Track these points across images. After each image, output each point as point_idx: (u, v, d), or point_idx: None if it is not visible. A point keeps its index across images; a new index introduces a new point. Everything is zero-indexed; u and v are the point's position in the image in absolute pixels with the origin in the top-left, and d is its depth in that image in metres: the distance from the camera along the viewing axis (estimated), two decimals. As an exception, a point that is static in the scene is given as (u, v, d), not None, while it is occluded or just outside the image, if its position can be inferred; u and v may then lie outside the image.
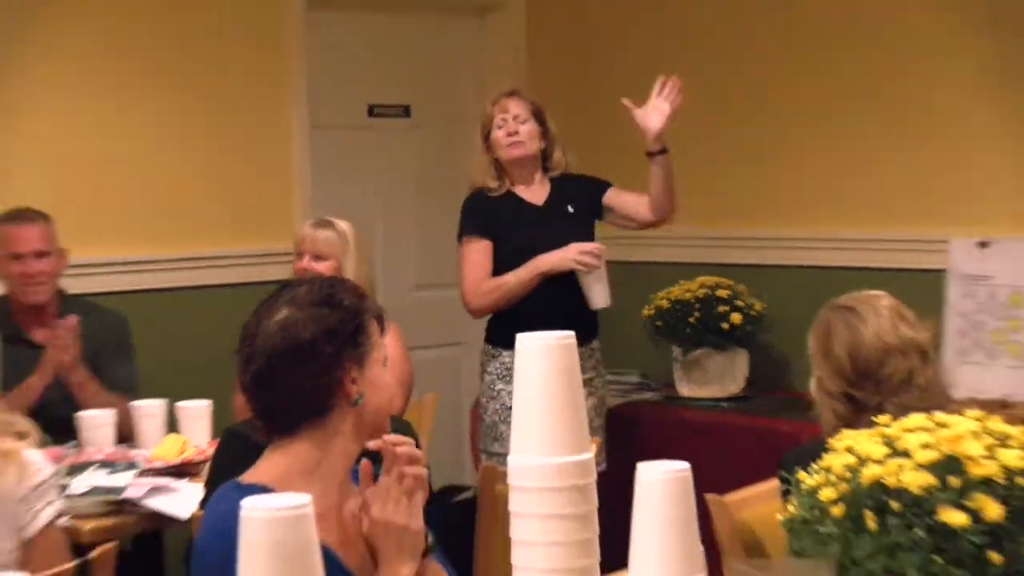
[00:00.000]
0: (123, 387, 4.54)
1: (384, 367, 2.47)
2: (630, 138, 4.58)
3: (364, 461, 2.38)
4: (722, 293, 5.50)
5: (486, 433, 4.72)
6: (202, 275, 5.55)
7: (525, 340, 1.82)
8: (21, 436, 3.00)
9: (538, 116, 4.74)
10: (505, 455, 1.86)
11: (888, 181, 5.49)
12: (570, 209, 4.73)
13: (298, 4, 5.83)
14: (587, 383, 4.52)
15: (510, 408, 2.63)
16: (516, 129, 4.67)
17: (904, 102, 5.42)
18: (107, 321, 4.75)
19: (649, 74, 5.24)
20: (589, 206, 4.76)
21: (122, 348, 4.72)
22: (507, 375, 4.52)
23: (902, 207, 5.46)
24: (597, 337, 4.79)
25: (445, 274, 6.11)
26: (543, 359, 1.81)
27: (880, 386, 2.77)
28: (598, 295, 4.59)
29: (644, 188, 4.65)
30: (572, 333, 1.84)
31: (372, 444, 2.35)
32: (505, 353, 4.64)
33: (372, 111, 6.27)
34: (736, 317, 5.47)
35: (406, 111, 6.36)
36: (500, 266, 4.69)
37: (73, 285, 4.83)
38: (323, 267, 4.30)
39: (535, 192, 4.77)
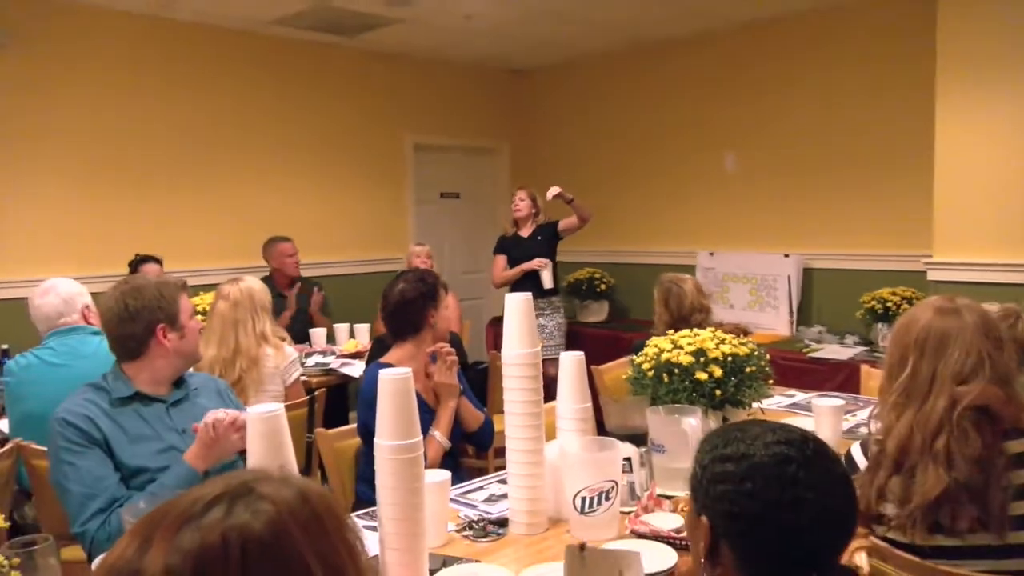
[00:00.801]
0: (327, 317, 4.44)
1: (446, 309, 2.41)
2: (560, 204, 4.50)
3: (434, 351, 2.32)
4: (597, 276, 5.42)
5: (498, 336, 4.68)
6: (362, 267, 5.40)
7: (509, 297, 1.77)
8: (282, 339, 2.95)
9: (532, 198, 4.65)
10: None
11: (672, 225, 5.42)
12: (539, 238, 4.62)
13: (409, 149, 5.70)
14: (549, 315, 4.55)
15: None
16: (519, 205, 4.63)
17: (687, 183, 5.36)
18: (317, 287, 4.64)
19: (571, 170, 5.30)
20: (551, 236, 4.63)
21: (325, 300, 4.60)
22: None
23: (676, 234, 5.38)
24: (557, 295, 4.64)
25: (475, 267, 6.08)
26: (514, 305, 1.75)
27: (688, 326, 2.73)
28: (547, 282, 4.50)
29: (569, 214, 4.56)
30: (530, 293, 1.80)
31: (429, 349, 2.30)
32: None
33: (442, 195, 6.11)
34: (603, 287, 5.41)
35: (458, 196, 6.21)
36: (510, 265, 4.61)
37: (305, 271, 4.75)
38: (419, 263, 4.23)
39: (526, 231, 4.67)
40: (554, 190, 4.46)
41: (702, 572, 1.03)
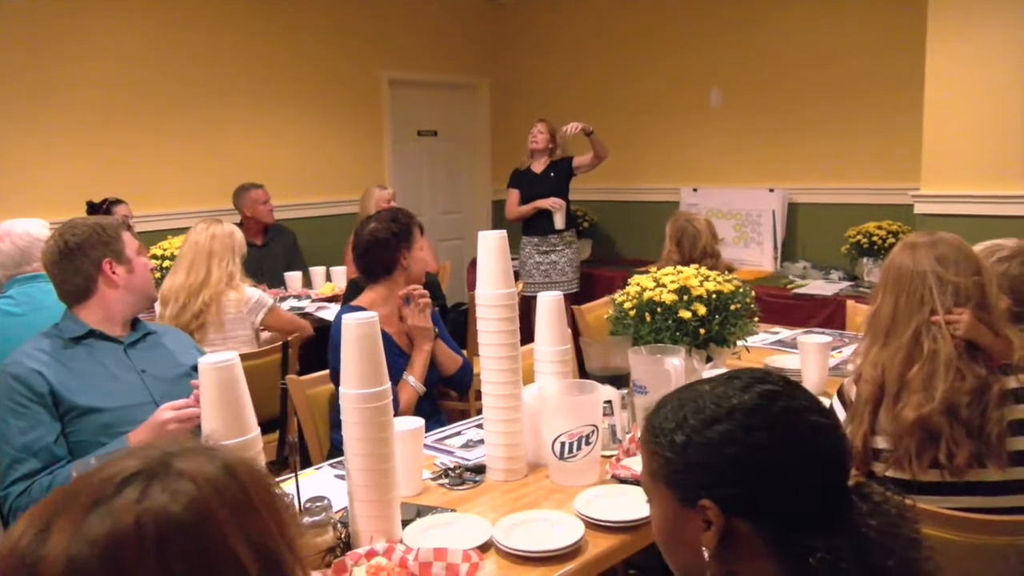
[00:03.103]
0: (299, 262, 4.31)
1: (421, 251, 2.29)
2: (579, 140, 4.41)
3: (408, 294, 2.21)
4: (579, 213, 5.19)
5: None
6: (338, 208, 5.16)
7: (483, 235, 1.66)
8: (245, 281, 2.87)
9: (551, 131, 4.46)
10: (474, 289, 1.70)
11: (656, 161, 5.26)
12: (552, 175, 4.45)
13: (385, 85, 5.46)
14: (561, 251, 4.43)
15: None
16: (536, 137, 4.45)
17: (671, 118, 5.20)
18: (287, 234, 4.48)
19: (552, 106, 5.12)
20: (564, 173, 4.45)
21: (295, 246, 4.45)
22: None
23: (659, 170, 5.22)
24: (570, 231, 4.48)
25: (456, 207, 5.93)
26: (489, 243, 1.64)
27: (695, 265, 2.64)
28: (558, 223, 4.38)
29: (585, 151, 4.38)
30: (504, 232, 1.67)
31: (400, 292, 2.18)
32: (523, 239, 4.51)
33: (419, 133, 5.86)
34: (586, 224, 5.27)
35: (435, 133, 5.98)
36: (522, 201, 4.45)
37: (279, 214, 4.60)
38: (389, 205, 4.09)
39: (539, 166, 4.49)
40: (574, 126, 4.23)
41: (711, 572, 0.85)
